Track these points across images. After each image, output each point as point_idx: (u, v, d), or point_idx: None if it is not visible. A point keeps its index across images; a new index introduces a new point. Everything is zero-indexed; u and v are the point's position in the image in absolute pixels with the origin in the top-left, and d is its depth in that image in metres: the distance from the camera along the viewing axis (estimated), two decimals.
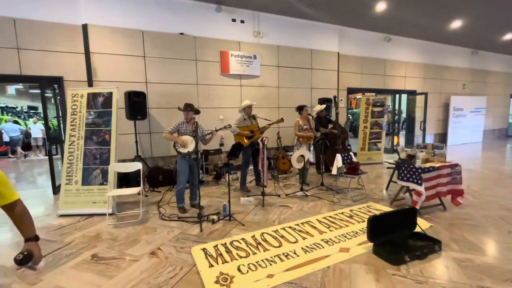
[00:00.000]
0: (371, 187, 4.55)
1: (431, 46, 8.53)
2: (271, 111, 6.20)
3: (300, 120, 4.55)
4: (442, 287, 2.12)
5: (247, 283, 2.19)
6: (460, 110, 9.22)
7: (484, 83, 10.04)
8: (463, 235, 2.82)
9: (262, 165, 3.90)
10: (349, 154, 4.27)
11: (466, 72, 9.46)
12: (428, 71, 8.61)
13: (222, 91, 5.73)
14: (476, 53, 9.51)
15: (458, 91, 9.42)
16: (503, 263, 2.37)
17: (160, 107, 5.20)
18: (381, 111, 6.53)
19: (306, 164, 4.50)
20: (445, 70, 8.99)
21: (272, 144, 6.03)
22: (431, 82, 8.72)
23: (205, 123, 5.13)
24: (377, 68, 7.66)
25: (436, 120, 9.05)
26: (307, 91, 6.67)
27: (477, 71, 9.72)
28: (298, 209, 3.59)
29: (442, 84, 9.01)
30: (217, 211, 3.47)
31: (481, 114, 9.65)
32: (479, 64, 9.74)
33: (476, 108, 9.52)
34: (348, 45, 7.13)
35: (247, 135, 4.27)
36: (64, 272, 2.38)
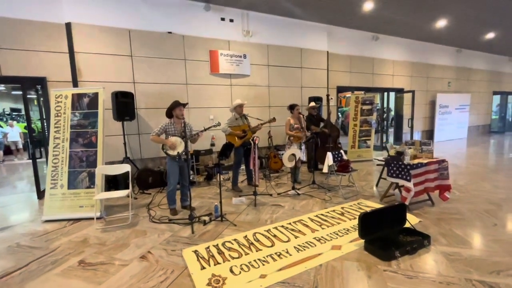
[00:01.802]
0: (362, 184, 4.60)
1: (418, 45, 8.72)
2: (262, 110, 6.18)
3: (291, 119, 4.55)
4: (431, 281, 2.16)
5: (240, 284, 2.17)
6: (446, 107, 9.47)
7: (468, 80, 10.35)
8: (451, 229, 2.89)
9: (254, 164, 3.89)
10: (340, 152, 4.30)
11: (451, 70, 9.72)
12: (415, 69, 8.80)
13: (212, 91, 5.69)
14: (460, 51, 9.79)
15: (444, 88, 9.67)
16: (489, 255, 2.44)
17: (149, 107, 5.12)
18: (370, 109, 6.62)
19: (298, 162, 4.51)
20: (431, 68, 9.21)
21: (263, 143, 6.02)
22: (418, 80, 8.92)
23: (195, 123, 5.07)
24: (366, 67, 7.77)
25: (423, 117, 9.27)
26: (297, 90, 6.69)
27: (461, 69, 10.01)
28: (290, 208, 3.59)
29: (428, 82, 9.23)
30: (208, 212, 3.44)
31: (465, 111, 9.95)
32: (464, 62, 10.03)
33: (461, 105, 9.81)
34: (337, 44, 7.20)
35: (239, 135, 4.24)
36: (49, 279, 2.30)
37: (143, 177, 4.62)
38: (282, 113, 5.54)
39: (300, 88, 6.73)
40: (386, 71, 8.18)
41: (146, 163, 5.20)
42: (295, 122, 4.54)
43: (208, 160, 5.58)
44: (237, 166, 4.46)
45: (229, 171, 5.30)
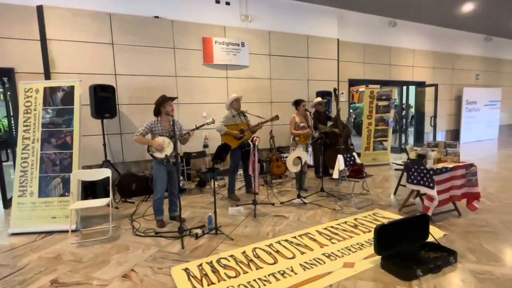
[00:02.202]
0: (378, 192, 4.60)
1: (441, 32, 8.75)
2: (262, 106, 6.19)
3: (297, 116, 4.56)
4: None
5: None
6: (473, 104, 9.50)
7: (499, 73, 10.39)
8: (480, 244, 2.89)
9: (253, 169, 3.89)
10: (352, 154, 4.31)
11: (479, 61, 9.76)
12: (438, 60, 8.83)
13: (205, 84, 5.69)
14: (490, 39, 9.83)
15: (471, 82, 9.70)
16: None
17: (133, 103, 5.12)
18: (386, 105, 6.64)
19: (304, 167, 4.50)
20: (457, 59, 9.25)
21: (264, 144, 6.03)
22: (441, 72, 8.95)
23: (186, 121, 5.07)
24: (382, 57, 7.80)
25: (447, 115, 9.30)
26: (303, 83, 6.70)
27: (491, 60, 10.05)
28: (295, 219, 3.59)
29: (453, 74, 9.27)
30: (201, 224, 3.43)
31: (496, 107, 9.98)
32: (494, 52, 10.07)
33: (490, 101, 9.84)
34: (349, 31, 7.23)
35: (236, 135, 4.25)
36: None
37: (125, 184, 4.61)
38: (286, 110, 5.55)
39: (307, 81, 6.74)
40: (405, 61, 8.21)
41: (129, 167, 5.19)
42: (301, 120, 4.54)
43: (200, 164, 5.58)
44: (234, 171, 4.46)
45: (225, 177, 5.30)
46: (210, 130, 5.27)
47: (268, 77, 6.33)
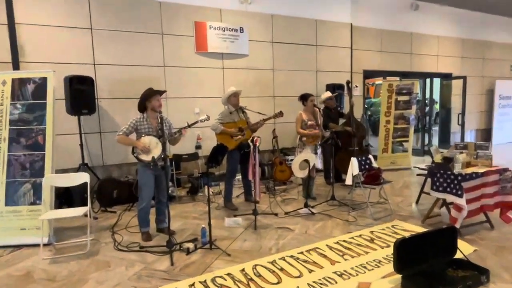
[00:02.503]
0: (397, 201, 4.60)
1: (470, 16, 8.77)
2: (264, 101, 6.20)
3: (304, 113, 4.56)
4: None
5: None
6: (508, 99, 9.52)
7: None
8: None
9: (253, 174, 3.89)
10: (368, 157, 4.31)
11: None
12: (466, 48, 8.85)
13: (198, 76, 5.69)
14: None
15: (505, 74, 9.72)
16: None
17: (114, 97, 5.12)
18: (407, 100, 6.65)
19: (312, 171, 4.51)
20: (488, 47, 9.27)
21: (266, 145, 6.03)
22: (470, 62, 8.97)
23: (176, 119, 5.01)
24: (402, 45, 7.81)
25: (477, 111, 9.31)
26: (311, 75, 6.71)
27: None
28: (302, 232, 3.60)
29: (484, 65, 9.29)
30: (193, 237, 3.43)
31: None
32: None
33: None
34: (364, 15, 7.24)
35: (233, 134, 4.25)
36: None
37: (106, 191, 4.62)
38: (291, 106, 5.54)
39: (315, 73, 6.74)
40: (429, 50, 8.23)
41: (110, 171, 5.18)
42: (309, 118, 4.55)
43: (192, 168, 5.58)
44: (231, 176, 4.45)
45: (221, 183, 5.30)
46: (203, 128, 5.28)
47: (271, 68, 6.33)
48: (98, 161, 5.08)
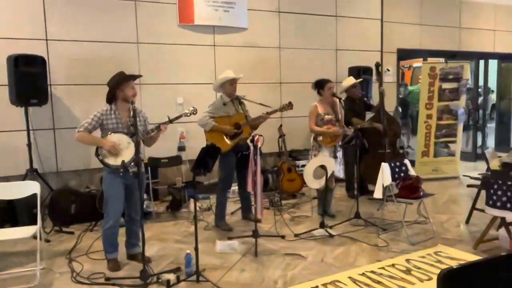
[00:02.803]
0: (441, 220, 4.59)
1: None
2: (267, 89, 6.20)
3: (320, 105, 4.55)
4: None
5: None
6: None
7: None
8: None
9: (254, 183, 3.89)
10: (403, 163, 4.31)
11: None
12: None
13: (182, 55, 5.69)
14: None
15: None
16: None
17: (73, 83, 5.12)
18: (455, 89, 6.64)
19: (330, 181, 4.50)
20: None
21: (270, 146, 6.02)
22: None
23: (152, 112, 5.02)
24: (447, 16, 7.81)
25: None
26: (330, 55, 6.70)
27: None
28: (316, 260, 3.59)
29: None
30: (175, 267, 3.42)
31: None
32: None
33: None
34: None
35: (228, 132, 4.25)
36: None
37: (61, 205, 4.61)
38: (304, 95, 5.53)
39: (335, 52, 6.74)
40: (483, 23, 8.22)
41: (66, 180, 5.18)
42: (326, 111, 4.54)
43: (174, 176, 5.57)
44: (224, 187, 4.45)
45: (211, 195, 5.29)
46: (189, 124, 5.25)
47: (277, 46, 6.32)
48: (51, 166, 5.07)
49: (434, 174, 6.60)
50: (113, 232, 3.45)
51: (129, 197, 3.45)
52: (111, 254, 3.48)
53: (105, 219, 3.42)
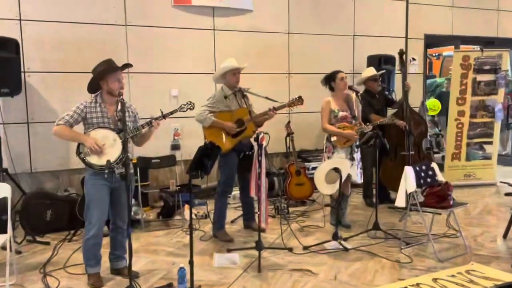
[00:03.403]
0: (475, 233, 4.55)
1: None
2: (274, 81, 6.18)
3: (333, 100, 4.53)
4: None
5: None
6: None
7: None
8: None
9: (257, 188, 3.88)
10: (430, 166, 4.28)
11: None
12: None
13: (178, 41, 5.69)
14: None
15: None
16: None
17: (50, 70, 5.13)
18: (492, 81, 6.58)
19: (345, 186, 4.47)
20: None
21: (277, 146, 6.00)
22: None
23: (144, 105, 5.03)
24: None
25: None
26: (346, 41, 6.67)
27: None
28: (329, 277, 3.57)
29: None
30: (167, 282, 3.42)
31: None
32: None
33: None
34: None
35: (229, 129, 4.24)
36: None
37: (35, 211, 4.60)
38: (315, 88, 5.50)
39: (352, 39, 6.71)
40: None
41: (41, 182, 5.19)
42: (341, 107, 4.51)
43: (167, 178, 5.57)
44: (224, 191, 4.44)
45: (209, 201, 5.28)
46: (184, 120, 5.27)
47: (285, 31, 6.31)
48: (23, 166, 5.07)
49: (467, 180, 6.56)
50: (96, 243, 3.42)
51: (114, 202, 3.44)
52: (93, 268, 3.45)
53: (86, 227, 3.40)
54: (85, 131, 3.37)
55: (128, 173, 3.18)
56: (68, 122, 3.30)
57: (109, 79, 3.33)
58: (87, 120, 3.36)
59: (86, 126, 3.37)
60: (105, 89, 3.37)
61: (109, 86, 3.34)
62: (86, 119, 3.36)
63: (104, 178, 3.30)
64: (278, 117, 4.73)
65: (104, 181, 3.33)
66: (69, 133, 3.33)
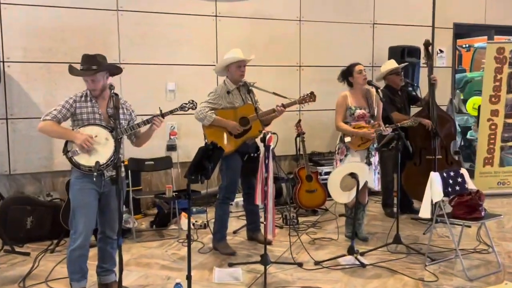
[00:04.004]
0: (509, 249, 4.52)
1: None
2: (283, 74, 6.19)
3: (350, 95, 4.53)
4: None
5: None
6: None
7: None
8: None
9: (263, 194, 3.89)
10: (459, 173, 4.28)
11: None
12: None
13: (175, 28, 5.70)
14: None
15: None
16: None
17: (32, 60, 5.16)
18: None
19: (362, 194, 4.48)
20: None
21: (286, 147, 6.02)
22: None
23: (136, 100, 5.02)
24: None
25: None
26: (365, 31, 6.68)
27: None
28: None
29: None
30: None
31: None
32: None
33: None
34: None
35: (232, 128, 4.25)
36: None
37: (13, 217, 4.61)
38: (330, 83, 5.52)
39: (371, 28, 6.71)
40: None
41: (21, 185, 5.21)
42: (358, 103, 4.52)
43: (161, 183, 5.60)
44: (226, 198, 4.44)
45: (209, 208, 5.29)
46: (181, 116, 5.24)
47: (296, 18, 6.31)
48: (1, 167, 5.09)
49: (500, 188, 6.54)
50: (82, 254, 3.40)
51: (103, 208, 3.43)
52: (78, 282, 3.44)
53: (71, 236, 3.39)
54: (73, 128, 3.36)
55: (119, 176, 3.16)
56: (56, 117, 3.29)
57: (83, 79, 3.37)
58: (76, 116, 3.35)
59: (75, 122, 3.36)
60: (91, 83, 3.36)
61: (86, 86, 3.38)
62: (75, 115, 3.35)
63: (92, 181, 3.26)
64: (287, 115, 4.73)
65: (92, 185, 3.31)
66: (57, 129, 3.31)
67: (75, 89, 3.49)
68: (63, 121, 3.34)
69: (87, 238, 3.39)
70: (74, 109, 3.34)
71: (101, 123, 3.36)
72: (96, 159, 3.25)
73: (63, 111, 3.31)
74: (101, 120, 3.38)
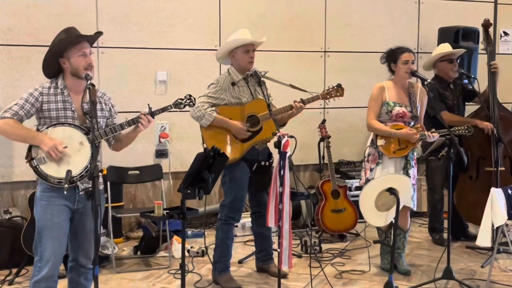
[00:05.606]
0: None
1: None
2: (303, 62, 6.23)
3: (389, 88, 4.57)
4: None
5: None
6: None
7: None
8: None
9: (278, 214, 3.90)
10: None
11: None
12: None
13: (167, 4, 5.76)
14: None
15: None
16: None
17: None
18: None
19: (403, 217, 4.48)
20: None
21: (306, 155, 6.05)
22: None
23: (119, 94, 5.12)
24: None
25: None
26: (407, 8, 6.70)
27: None
28: None
29: None
30: None
31: None
32: None
33: None
34: None
35: (238, 130, 4.28)
36: None
37: None
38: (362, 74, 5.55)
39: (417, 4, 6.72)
40: None
41: None
42: (399, 99, 4.56)
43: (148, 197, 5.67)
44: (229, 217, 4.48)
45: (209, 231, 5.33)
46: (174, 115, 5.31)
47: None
48: None
49: None
50: (48, 287, 3.44)
51: (76, 230, 3.45)
52: None
53: (35, 265, 3.41)
54: (39, 128, 3.36)
55: (97, 189, 3.13)
56: (17, 114, 3.28)
57: (71, 54, 3.32)
58: (43, 113, 3.36)
59: (41, 121, 3.38)
60: (68, 70, 3.36)
61: (72, 65, 3.32)
62: (41, 111, 3.35)
63: (63, 196, 3.27)
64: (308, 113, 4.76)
65: (62, 201, 3.32)
66: (19, 130, 3.30)
67: (41, 79, 3.45)
68: (26, 119, 3.31)
69: (55, 267, 3.41)
70: (40, 103, 3.32)
71: (75, 123, 3.36)
72: (67, 168, 3.21)
73: (26, 106, 3.28)
74: (75, 118, 3.37)
